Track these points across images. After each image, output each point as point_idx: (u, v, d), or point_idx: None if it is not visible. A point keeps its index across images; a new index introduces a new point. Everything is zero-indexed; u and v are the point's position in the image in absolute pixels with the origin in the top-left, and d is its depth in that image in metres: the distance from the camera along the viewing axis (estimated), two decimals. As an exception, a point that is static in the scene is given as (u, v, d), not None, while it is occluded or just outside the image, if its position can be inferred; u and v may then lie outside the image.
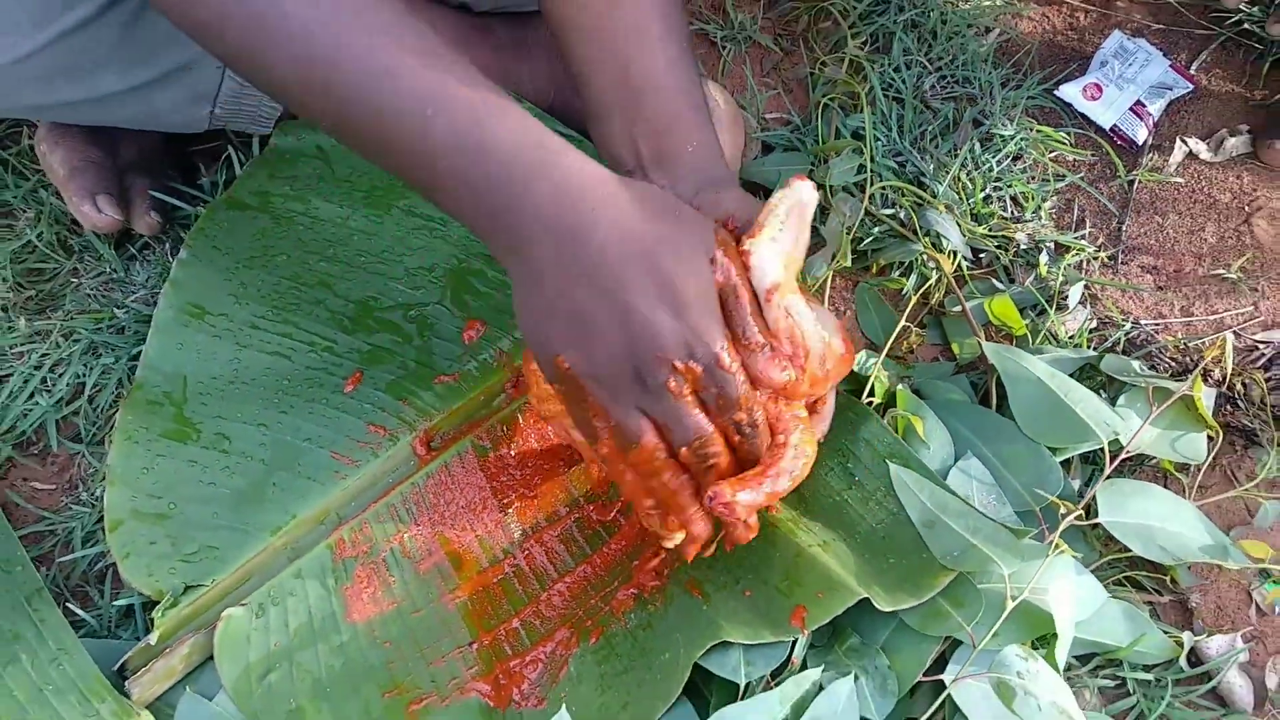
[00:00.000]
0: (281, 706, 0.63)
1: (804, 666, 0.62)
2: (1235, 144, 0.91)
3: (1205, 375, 0.76)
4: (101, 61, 0.66)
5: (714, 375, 0.52)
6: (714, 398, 0.53)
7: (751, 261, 0.55)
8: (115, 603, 0.70)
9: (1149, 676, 0.68)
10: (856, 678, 0.61)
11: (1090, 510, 0.70)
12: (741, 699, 0.61)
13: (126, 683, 0.65)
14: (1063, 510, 0.68)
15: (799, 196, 0.57)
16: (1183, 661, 0.69)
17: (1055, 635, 0.62)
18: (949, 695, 0.62)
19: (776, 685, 0.61)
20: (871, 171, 0.84)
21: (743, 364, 0.54)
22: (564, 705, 0.61)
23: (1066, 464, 0.73)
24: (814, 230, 0.72)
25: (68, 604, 0.71)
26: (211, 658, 0.65)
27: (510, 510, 0.69)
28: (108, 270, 0.83)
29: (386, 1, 0.52)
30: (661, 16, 0.61)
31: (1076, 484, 0.74)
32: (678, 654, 0.62)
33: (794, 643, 0.62)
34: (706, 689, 0.64)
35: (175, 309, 0.74)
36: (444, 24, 0.77)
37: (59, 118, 0.76)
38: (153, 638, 0.65)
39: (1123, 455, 0.71)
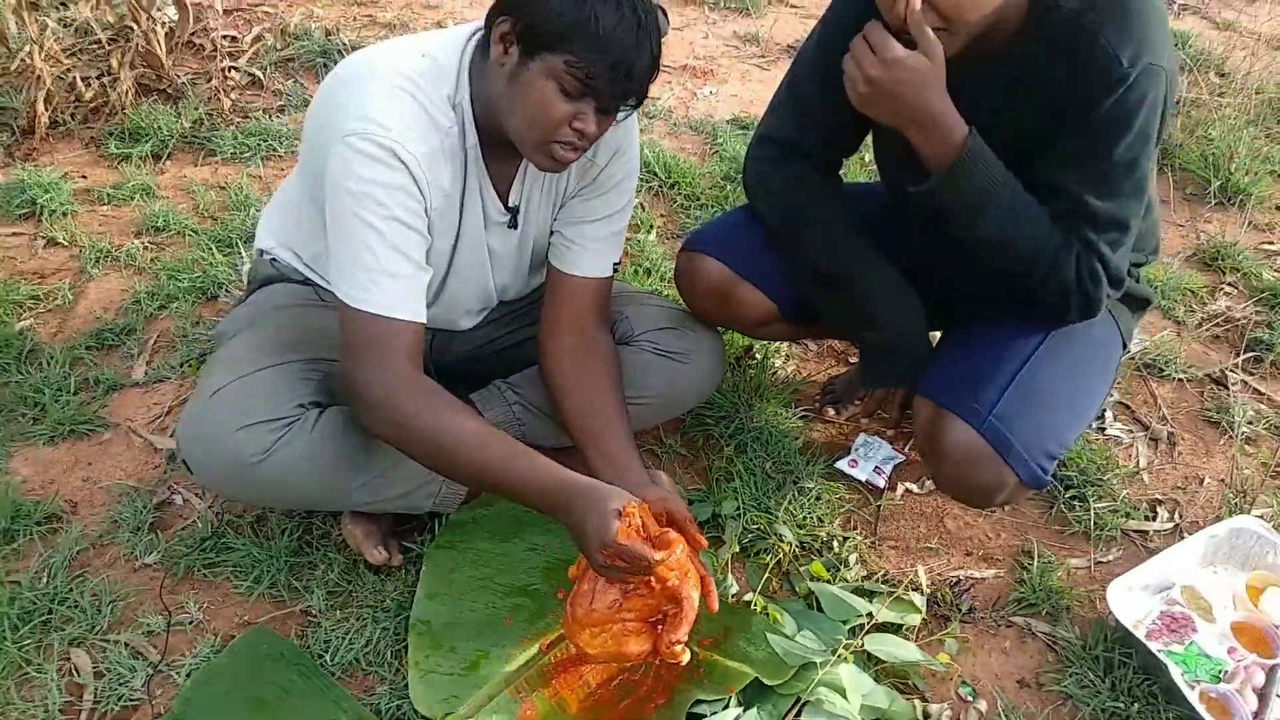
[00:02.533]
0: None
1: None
2: (930, 484, 1.78)
3: (919, 590, 1.54)
4: (401, 483, 1.47)
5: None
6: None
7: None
8: None
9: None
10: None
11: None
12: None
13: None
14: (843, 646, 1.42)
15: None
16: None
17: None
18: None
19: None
20: (744, 507, 1.67)
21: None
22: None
23: (853, 630, 1.47)
24: (717, 539, 1.53)
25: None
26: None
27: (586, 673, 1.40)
28: (380, 581, 1.56)
29: (497, 438, 1.34)
30: (620, 413, 1.47)
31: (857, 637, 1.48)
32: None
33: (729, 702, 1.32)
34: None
35: (423, 594, 1.48)
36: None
37: (361, 509, 1.54)
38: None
39: (871, 624, 1.47)
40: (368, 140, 1.27)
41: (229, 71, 2.84)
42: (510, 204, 1.47)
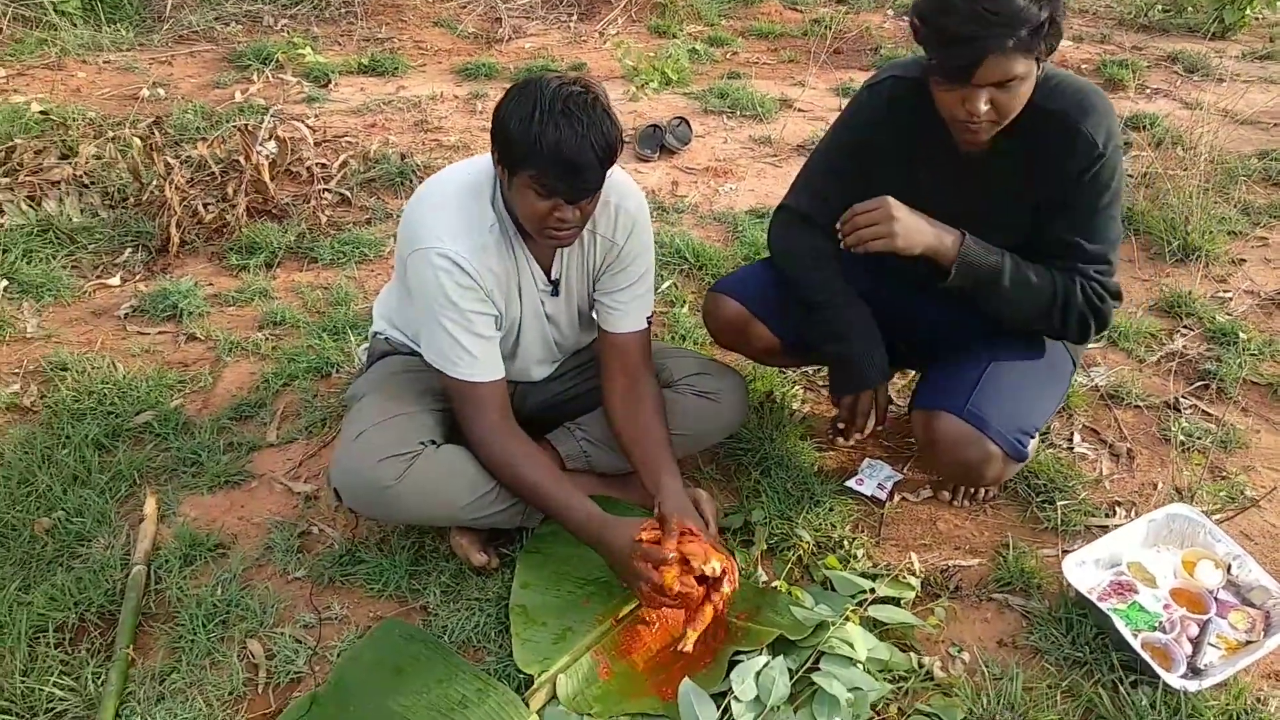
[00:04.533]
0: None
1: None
2: (925, 493, 2.16)
3: (915, 574, 1.91)
4: (497, 503, 1.89)
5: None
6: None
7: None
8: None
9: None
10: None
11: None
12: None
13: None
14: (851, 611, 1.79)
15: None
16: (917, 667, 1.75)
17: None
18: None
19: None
20: (770, 516, 2.06)
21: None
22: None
23: (860, 602, 1.84)
24: (748, 541, 1.93)
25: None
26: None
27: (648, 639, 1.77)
28: (482, 581, 1.96)
29: (553, 480, 1.80)
30: (664, 441, 1.88)
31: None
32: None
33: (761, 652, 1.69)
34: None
35: (518, 584, 1.87)
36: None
37: (466, 524, 1.94)
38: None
39: (874, 597, 1.84)
40: (431, 252, 1.74)
41: (323, 193, 3.37)
42: (552, 277, 1.92)
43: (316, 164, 3.50)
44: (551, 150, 1.56)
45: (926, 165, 1.83)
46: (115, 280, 2.99)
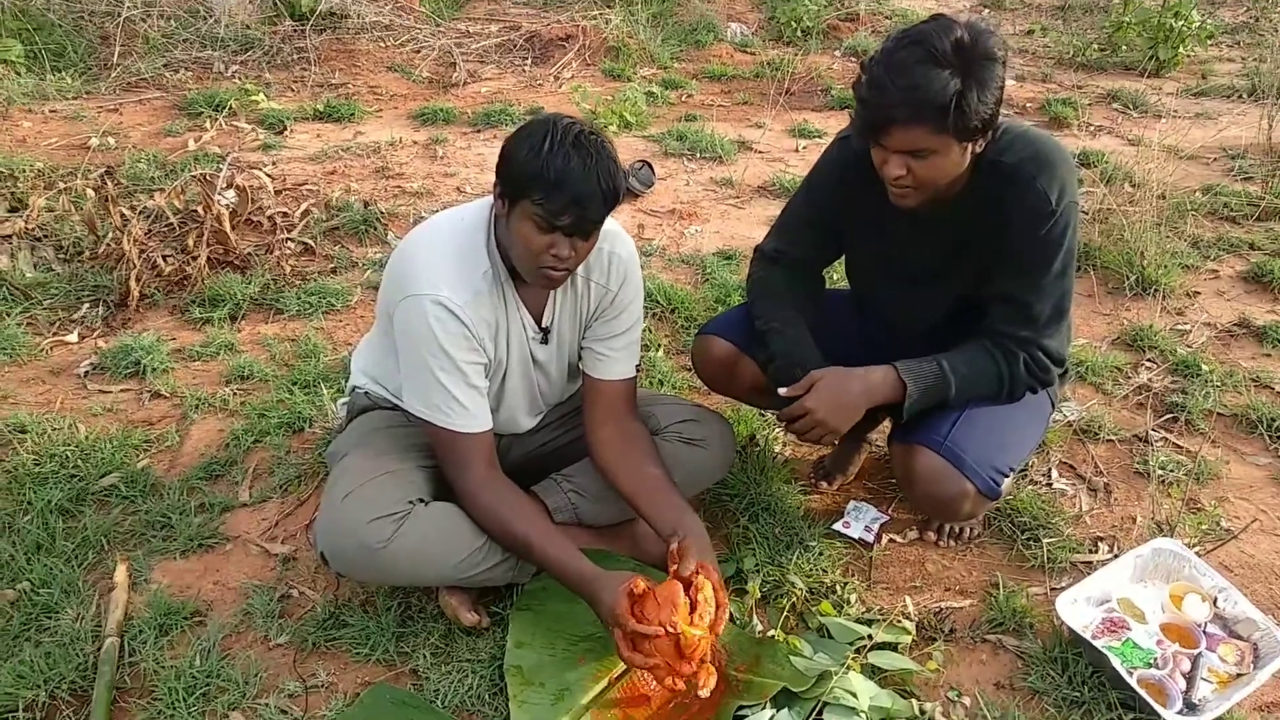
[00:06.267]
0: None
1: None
2: (911, 534, 2.16)
3: (909, 617, 1.91)
4: (486, 560, 1.85)
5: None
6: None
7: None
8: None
9: (906, 721, 1.73)
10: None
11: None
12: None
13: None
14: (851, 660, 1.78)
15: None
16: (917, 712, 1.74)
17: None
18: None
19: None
20: (761, 563, 2.04)
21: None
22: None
23: (858, 650, 1.83)
24: (741, 589, 1.91)
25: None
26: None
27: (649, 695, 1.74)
28: (473, 640, 1.91)
29: (541, 532, 1.76)
30: (660, 478, 1.86)
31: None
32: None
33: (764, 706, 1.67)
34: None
35: (512, 644, 1.83)
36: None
37: (456, 583, 1.89)
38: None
39: (872, 644, 1.83)
40: (424, 299, 1.72)
41: (286, 243, 3.31)
42: (543, 324, 1.90)
43: (278, 213, 3.45)
44: (559, 176, 1.58)
45: (893, 218, 1.86)
46: (73, 337, 2.90)
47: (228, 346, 2.85)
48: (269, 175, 3.59)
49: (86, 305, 3.03)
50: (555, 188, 1.59)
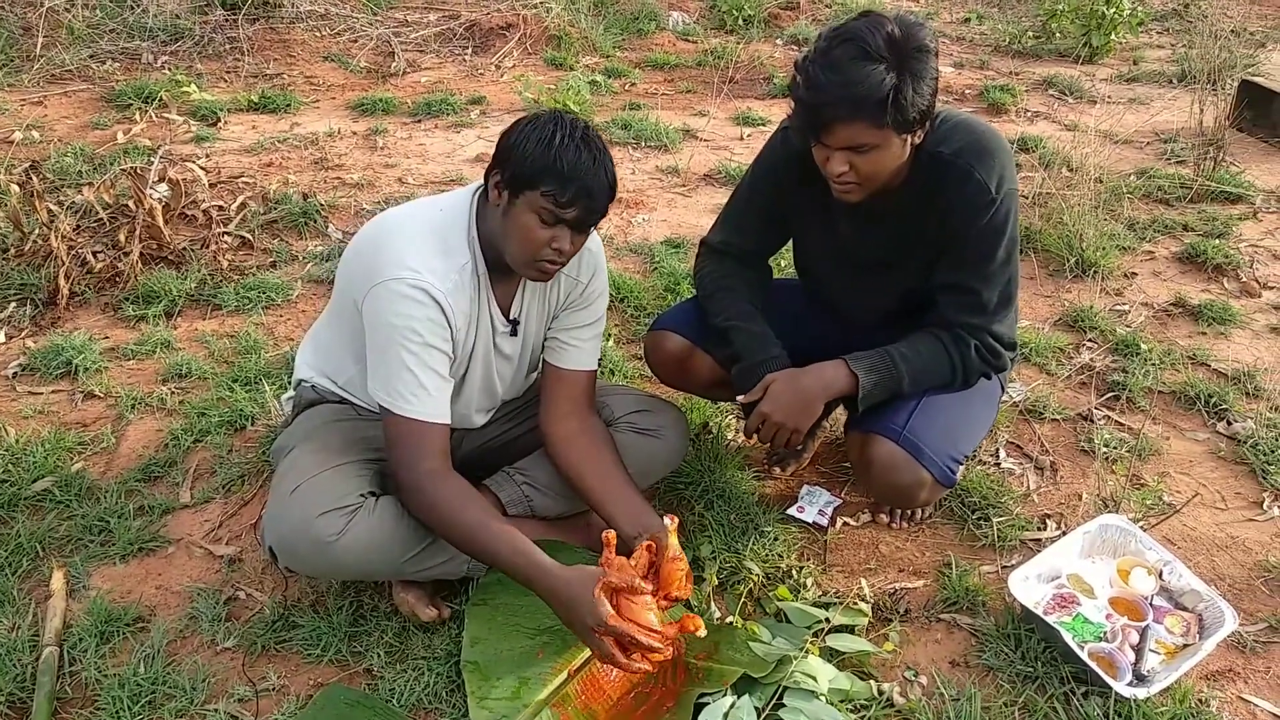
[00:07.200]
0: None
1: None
2: (864, 517, 2.18)
3: (865, 600, 1.91)
4: (440, 554, 1.81)
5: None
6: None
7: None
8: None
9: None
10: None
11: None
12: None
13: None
14: (809, 644, 1.78)
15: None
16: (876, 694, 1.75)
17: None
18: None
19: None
20: (717, 551, 2.04)
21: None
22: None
23: (816, 633, 1.83)
24: (699, 577, 1.89)
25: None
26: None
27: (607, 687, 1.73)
28: (428, 637, 1.87)
29: (494, 528, 1.69)
30: (624, 479, 1.84)
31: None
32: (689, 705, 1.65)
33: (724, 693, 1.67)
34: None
35: (468, 641, 1.79)
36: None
37: (410, 577, 1.85)
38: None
39: (829, 627, 1.83)
40: (403, 283, 1.67)
41: (222, 237, 3.23)
42: (511, 316, 1.87)
43: (213, 206, 3.35)
44: (571, 169, 1.61)
45: (838, 208, 1.86)
46: (0, 337, 2.80)
47: (164, 344, 2.77)
48: (203, 168, 3.49)
49: (13, 304, 2.92)
50: (567, 180, 1.61)
